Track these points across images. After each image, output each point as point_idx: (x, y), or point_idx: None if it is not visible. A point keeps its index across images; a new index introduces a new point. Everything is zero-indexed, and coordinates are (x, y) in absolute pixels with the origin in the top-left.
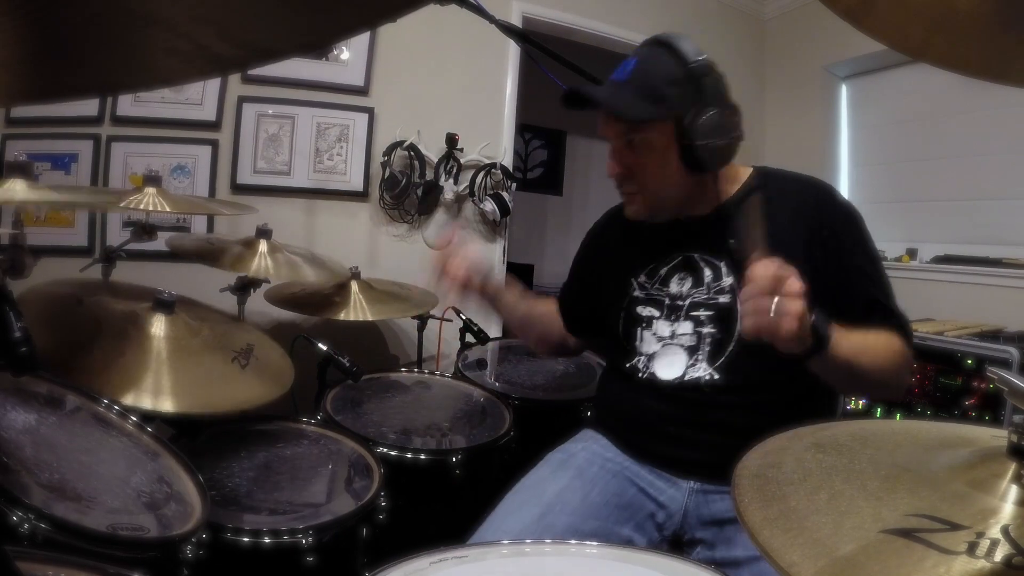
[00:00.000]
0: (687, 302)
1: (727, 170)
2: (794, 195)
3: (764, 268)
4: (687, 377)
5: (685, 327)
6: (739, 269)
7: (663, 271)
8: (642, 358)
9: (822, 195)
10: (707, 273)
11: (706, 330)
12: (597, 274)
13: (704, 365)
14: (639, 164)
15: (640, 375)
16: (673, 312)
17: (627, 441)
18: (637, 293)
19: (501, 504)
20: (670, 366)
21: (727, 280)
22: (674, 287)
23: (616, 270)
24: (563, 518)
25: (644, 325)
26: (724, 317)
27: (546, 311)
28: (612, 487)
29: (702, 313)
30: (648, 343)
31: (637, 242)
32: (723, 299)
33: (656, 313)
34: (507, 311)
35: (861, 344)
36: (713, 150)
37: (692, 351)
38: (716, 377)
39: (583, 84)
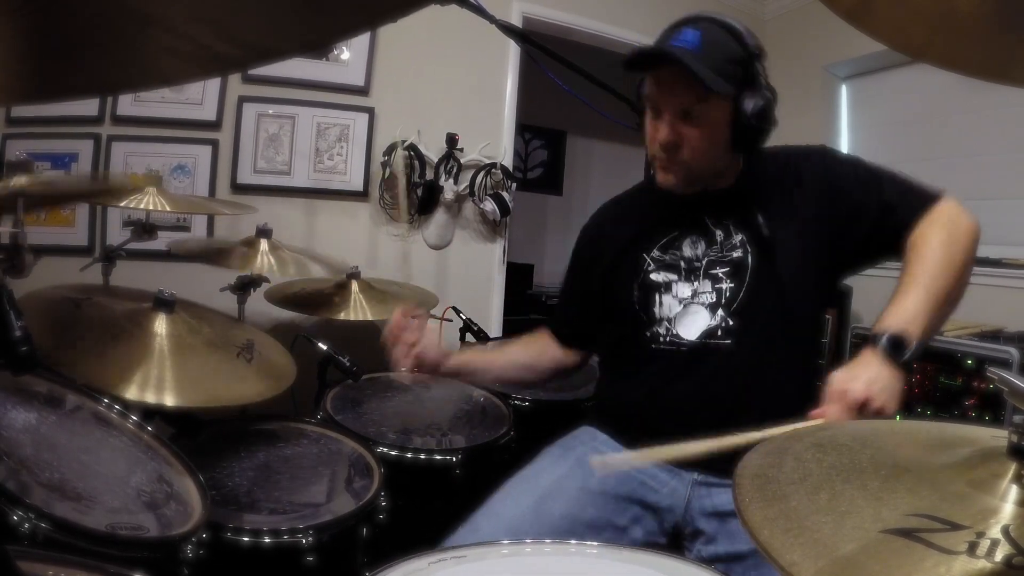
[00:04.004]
0: (704, 262)
1: None
2: (797, 168)
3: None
4: (706, 329)
5: (705, 285)
6: (748, 226)
7: (676, 240)
8: (663, 323)
9: (826, 160)
10: (718, 233)
11: (724, 285)
12: (604, 264)
13: (720, 313)
14: (692, 135)
15: (662, 339)
16: (692, 273)
17: (629, 437)
18: (650, 266)
19: (497, 492)
20: (692, 324)
21: (737, 236)
22: (687, 251)
23: (626, 254)
24: (560, 505)
25: (662, 290)
26: (738, 270)
27: (515, 353)
28: (611, 477)
29: (719, 271)
30: (668, 307)
31: (646, 225)
32: (736, 254)
33: (674, 277)
34: (479, 375)
35: (930, 289)
36: (759, 132)
37: (713, 308)
38: (731, 323)
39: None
